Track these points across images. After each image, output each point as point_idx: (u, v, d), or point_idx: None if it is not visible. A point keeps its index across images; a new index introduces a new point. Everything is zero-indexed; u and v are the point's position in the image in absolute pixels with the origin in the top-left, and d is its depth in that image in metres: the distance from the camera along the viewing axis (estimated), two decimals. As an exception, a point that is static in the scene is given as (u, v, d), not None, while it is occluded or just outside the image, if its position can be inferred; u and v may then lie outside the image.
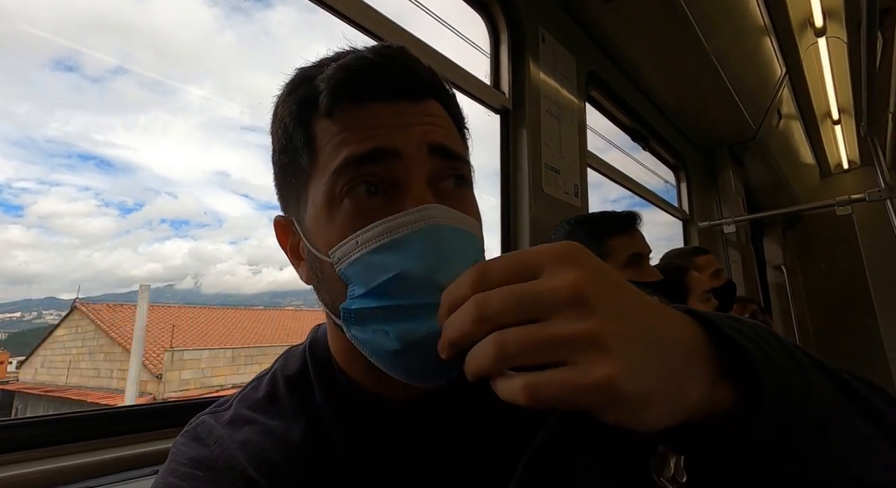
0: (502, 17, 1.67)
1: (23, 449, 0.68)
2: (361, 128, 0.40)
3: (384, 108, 0.41)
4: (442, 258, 0.37)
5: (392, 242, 0.37)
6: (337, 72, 0.41)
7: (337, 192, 0.40)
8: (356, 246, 0.39)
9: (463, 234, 0.40)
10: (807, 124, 3.42)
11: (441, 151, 0.42)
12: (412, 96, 0.43)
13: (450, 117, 0.46)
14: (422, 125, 0.42)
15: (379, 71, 0.41)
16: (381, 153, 0.39)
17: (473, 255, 0.40)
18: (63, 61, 14.72)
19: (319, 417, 0.46)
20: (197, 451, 0.44)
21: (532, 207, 1.56)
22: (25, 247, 14.61)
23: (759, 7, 2.08)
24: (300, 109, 0.43)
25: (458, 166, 0.43)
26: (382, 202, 0.40)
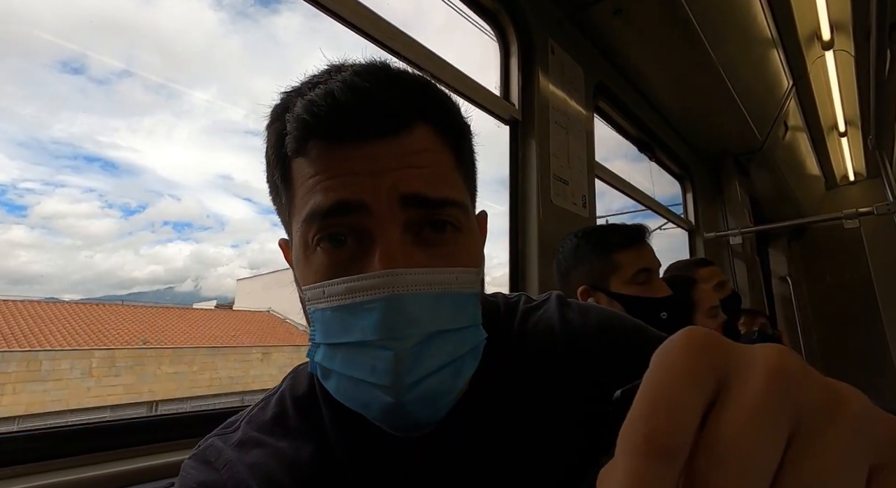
0: (512, 28, 1.68)
1: (29, 461, 0.67)
2: (330, 173, 0.38)
3: (355, 149, 0.38)
4: (399, 335, 0.35)
5: (352, 305, 0.36)
6: (303, 111, 0.37)
7: (310, 241, 0.39)
8: (323, 295, 0.38)
9: (431, 300, 0.37)
10: (813, 136, 3.42)
11: (416, 200, 0.38)
12: (387, 132, 0.38)
13: (443, 141, 0.42)
14: (395, 170, 0.38)
15: (343, 111, 0.37)
16: (346, 207, 0.37)
17: (448, 319, 0.38)
18: (69, 63, 14.75)
19: (327, 439, 0.45)
20: (206, 475, 0.43)
21: (540, 218, 1.56)
22: (28, 247, 14.62)
23: (767, 19, 2.09)
24: (277, 144, 0.41)
25: (441, 212, 0.39)
26: (354, 252, 0.38)
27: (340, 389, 0.39)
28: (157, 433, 0.76)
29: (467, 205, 0.43)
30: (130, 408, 6.77)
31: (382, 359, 0.35)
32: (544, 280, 1.51)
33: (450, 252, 0.40)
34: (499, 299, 0.56)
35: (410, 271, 0.36)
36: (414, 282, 0.36)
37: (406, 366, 0.35)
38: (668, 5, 1.83)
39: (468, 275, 0.40)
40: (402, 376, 0.35)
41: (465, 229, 0.42)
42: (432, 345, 0.37)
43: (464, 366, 0.40)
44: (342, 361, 0.38)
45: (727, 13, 2.00)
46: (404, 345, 0.35)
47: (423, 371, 0.36)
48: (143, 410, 6.87)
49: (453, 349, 0.38)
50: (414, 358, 0.36)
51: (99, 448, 0.71)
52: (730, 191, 3.30)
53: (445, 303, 0.38)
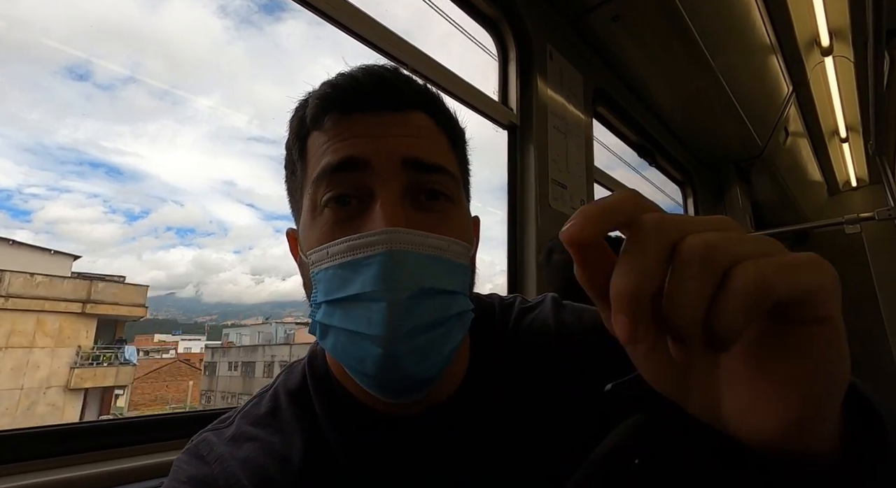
0: (511, 34, 1.69)
1: (21, 460, 0.68)
2: (340, 137, 0.42)
3: (365, 118, 0.43)
4: (393, 287, 0.37)
5: (353, 261, 0.39)
6: (323, 88, 0.44)
7: (318, 201, 0.42)
8: (326, 256, 0.40)
9: (425, 259, 0.39)
10: (814, 142, 3.42)
11: (416, 164, 0.42)
12: (394, 107, 0.44)
13: (440, 130, 0.47)
14: (399, 136, 0.43)
15: (361, 85, 0.43)
16: (352, 162, 0.41)
17: (439, 280, 0.40)
18: (74, 69, 15.19)
19: (320, 432, 0.46)
20: (198, 469, 0.44)
21: (539, 222, 1.56)
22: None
23: (766, 26, 2.10)
24: (298, 126, 0.46)
25: (437, 179, 0.43)
26: (356, 211, 0.41)
27: (338, 345, 0.41)
28: (147, 433, 0.77)
29: (460, 182, 0.47)
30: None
31: (377, 309, 0.37)
32: (542, 281, 1.51)
33: (443, 219, 0.43)
34: (494, 300, 0.57)
35: (408, 231, 0.39)
36: (410, 241, 0.39)
37: (398, 315, 0.37)
38: (667, 12, 1.84)
39: (459, 247, 0.43)
40: (395, 326, 0.37)
41: (458, 203, 0.46)
42: (423, 300, 0.39)
43: (452, 329, 0.41)
44: (341, 316, 0.39)
45: (726, 20, 2.01)
46: (397, 296, 0.37)
47: (413, 322, 0.38)
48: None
49: (443, 308, 0.40)
50: (406, 309, 0.37)
51: (87, 448, 0.72)
52: (731, 197, 3.29)
53: (438, 265, 0.40)
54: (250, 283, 72.08)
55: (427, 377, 0.40)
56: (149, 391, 16.63)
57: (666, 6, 1.81)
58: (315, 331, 0.43)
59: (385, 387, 0.40)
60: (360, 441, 0.45)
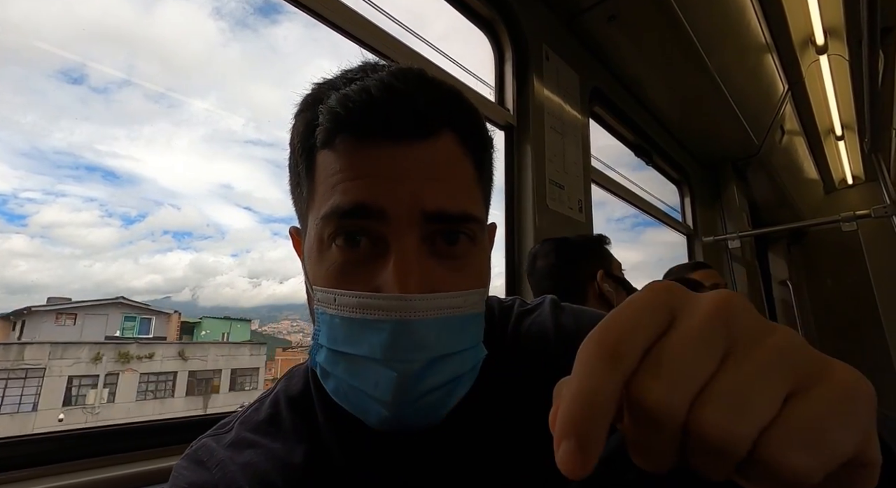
0: (507, 35, 1.69)
1: (22, 467, 0.67)
2: (353, 172, 0.38)
3: (382, 148, 0.38)
4: (405, 358, 0.36)
5: (362, 321, 0.37)
6: (336, 105, 0.38)
7: (325, 237, 0.40)
8: (333, 303, 0.39)
9: (440, 324, 0.37)
10: (810, 140, 3.43)
11: (437, 217, 0.38)
12: (415, 135, 0.38)
13: (466, 153, 0.42)
14: (419, 180, 0.38)
15: (377, 108, 0.37)
16: (365, 211, 0.37)
17: (456, 338, 0.39)
18: (69, 72, 14.90)
19: (321, 438, 0.45)
20: (198, 475, 0.43)
21: (536, 222, 1.56)
22: (27, 256, 14.64)
23: (761, 25, 2.11)
24: (305, 134, 0.42)
25: (460, 227, 0.40)
26: (368, 254, 0.39)
27: (339, 392, 0.40)
28: (145, 439, 0.77)
29: (484, 221, 0.44)
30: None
31: (386, 377, 0.36)
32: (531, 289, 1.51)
33: (463, 265, 0.41)
34: (493, 303, 0.56)
35: (422, 297, 0.37)
36: (425, 308, 0.37)
37: (408, 386, 0.36)
38: (662, 12, 1.85)
39: (475, 297, 0.41)
40: (403, 395, 0.37)
41: (479, 242, 0.43)
42: (435, 368, 0.38)
43: (462, 383, 0.41)
44: (345, 369, 0.39)
45: (721, 19, 2.02)
46: (409, 368, 0.36)
47: (423, 390, 0.37)
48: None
49: (455, 369, 0.39)
50: (416, 380, 0.37)
51: (86, 454, 0.71)
52: (728, 196, 3.30)
53: (452, 327, 0.39)
54: (247, 287, 72.14)
55: (433, 426, 0.40)
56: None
57: (661, 6, 1.81)
58: (315, 368, 0.42)
59: (385, 431, 0.40)
60: (362, 448, 0.44)
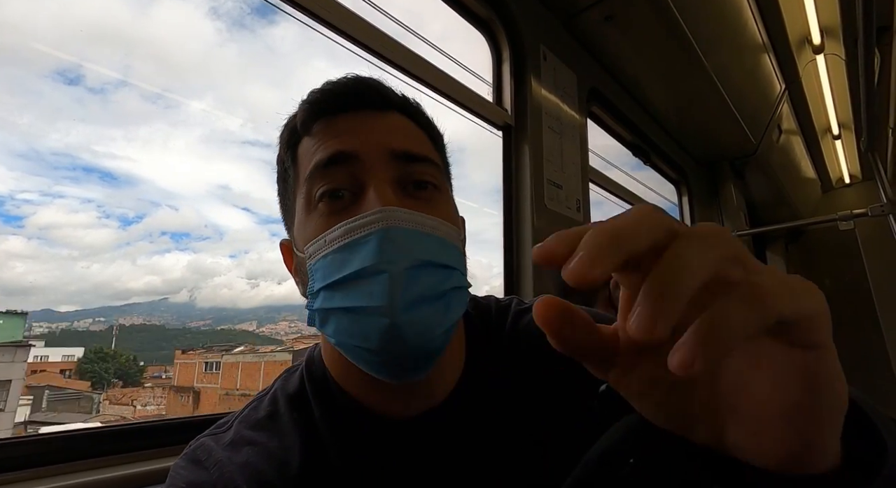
0: (504, 35, 1.69)
1: (18, 468, 0.67)
2: (329, 135, 0.45)
3: (351, 117, 0.46)
4: (393, 259, 0.39)
5: (351, 242, 0.40)
6: (310, 95, 0.47)
7: (312, 197, 0.44)
8: (324, 244, 0.41)
9: (420, 236, 0.41)
10: (807, 139, 3.44)
11: (403, 155, 0.45)
12: (377, 107, 0.47)
13: (421, 130, 0.50)
14: (385, 132, 0.46)
15: (345, 88, 0.47)
16: (342, 156, 0.43)
17: (435, 254, 0.41)
18: (65, 73, 15.02)
19: (318, 436, 0.46)
20: (196, 475, 0.44)
21: (534, 222, 1.56)
22: (24, 258, 14.65)
23: (758, 25, 2.11)
24: (288, 136, 0.49)
25: (423, 169, 0.46)
26: (349, 203, 0.43)
27: (341, 326, 0.41)
28: (144, 439, 0.77)
29: (444, 173, 0.50)
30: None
31: (378, 281, 0.38)
32: (539, 283, 1.52)
33: (432, 206, 0.45)
34: (490, 302, 0.57)
35: (402, 210, 0.41)
36: (405, 219, 0.40)
37: (400, 285, 0.38)
38: (660, 12, 1.85)
39: (450, 229, 0.44)
40: (397, 295, 0.38)
41: (444, 192, 0.48)
42: (423, 272, 0.40)
43: (452, 302, 0.42)
44: (342, 296, 0.40)
45: (718, 19, 2.02)
46: (397, 266, 0.38)
47: (414, 292, 0.39)
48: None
49: (441, 281, 0.41)
50: (406, 279, 0.39)
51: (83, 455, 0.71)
52: (726, 195, 3.31)
53: (433, 241, 0.42)
54: (245, 287, 72.04)
55: (430, 349, 0.41)
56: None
57: (658, 6, 1.82)
58: (315, 321, 0.43)
59: (390, 364, 0.40)
60: (359, 444, 0.45)
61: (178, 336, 41.18)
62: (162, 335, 58.66)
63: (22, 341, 10.76)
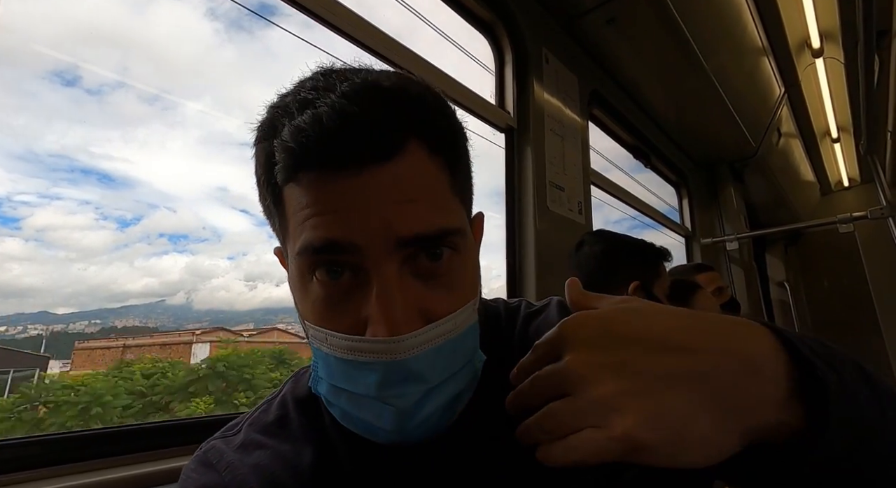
0: (507, 38, 1.70)
1: (27, 468, 0.67)
2: (319, 208, 0.36)
3: (347, 178, 0.35)
4: (400, 395, 0.37)
5: (356, 362, 0.37)
6: (291, 140, 0.35)
7: (306, 271, 0.39)
8: (325, 342, 0.39)
9: (432, 354, 0.37)
10: (806, 142, 3.45)
11: (413, 241, 0.36)
12: (378, 158, 0.36)
13: (438, 160, 0.39)
14: (389, 205, 0.36)
15: (333, 139, 0.35)
16: (337, 247, 0.36)
17: (450, 363, 0.39)
18: (62, 74, 14.64)
19: (329, 440, 0.46)
20: (208, 478, 0.43)
21: (537, 224, 1.57)
22: (21, 260, 14.41)
23: (758, 28, 2.13)
24: (266, 167, 0.39)
25: (439, 244, 0.38)
26: (350, 285, 0.38)
27: (345, 419, 0.41)
28: (155, 439, 0.77)
29: (464, 229, 0.42)
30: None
31: (386, 411, 0.37)
32: (542, 284, 1.52)
33: (450, 280, 0.40)
34: (500, 305, 0.56)
35: (410, 336, 0.36)
36: (414, 345, 0.36)
37: (409, 416, 0.37)
38: (661, 15, 1.86)
39: (465, 314, 0.40)
40: (405, 424, 0.38)
41: (462, 250, 0.41)
42: (432, 396, 0.38)
43: (462, 397, 0.42)
44: (347, 402, 0.39)
45: (718, 23, 2.04)
46: (406, 402, 0.37)
47: (424, 416, 0.38)
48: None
49: (453, 390, 0.40)
50: (416, 409, 0.38)
51: (96, 455, 0.71)
52: (725, 198, 3.32)
53: (445, 353, 0.38)
54: (243, 290, 69.42)
55: (437, 435, 0.41)
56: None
57: (659, 9, 1.83)
58: (319, 395, 0.43)
59: (401, 442, 0.41)
60: (370, 450, 0.44)
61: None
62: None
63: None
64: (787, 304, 4.15)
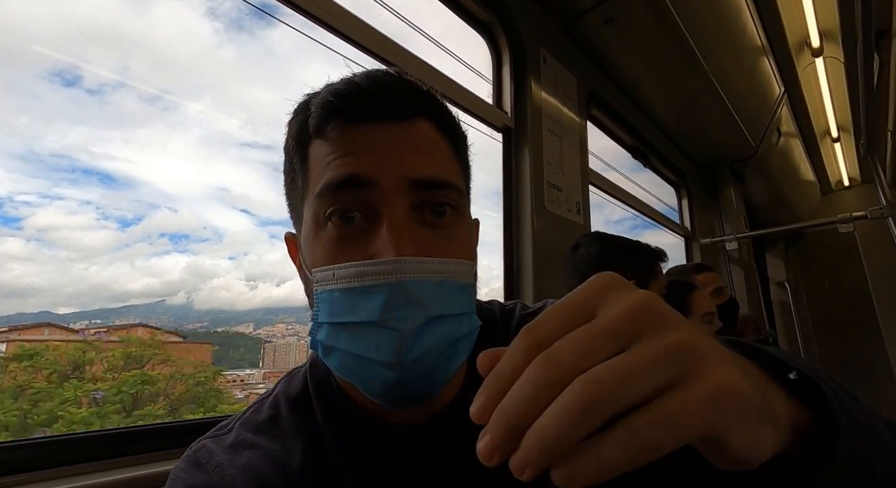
0: (504, 38, 1.70)
1: (21, 471, 0.67)
2: (344, 151, 0.42)
3: (369, 129, 0.42)
4: (403, 316, 0.38)
5: (360, 288, 0.39)
6: (326, 95, 0.43)
7: (322, 215, 0.42)
8: (332, 278, 0.40)
9: (434, 287, 0.39)
10: (806, 142, 3.45)
11: (423, 183, 0.41)
12: (397, 116, 0.43)
13: (443, 137, 0.46)
14: (404, 153, 0.42)
15: (364, 93, 0.42)
16: (357, 181, 0.40)
17: (447, 305, 0.40)
18: (62, 74, 14.61)
19: (321, 439, 0.46)
20: (196, 478, 0.43)
21: (534, 224, 1.57)
22: (23, 260, 14.33)
23: (757, 28, 2.12)
24: (298, 132, 0.45)
25: (443, 195, 0.43)
26: (362, 227, 0.41)
27: (343, 365, 0.41)
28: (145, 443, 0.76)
29: (465, 194, 0.46)
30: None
31: (387, 338, 0.38)
32: (539, 285, 1.51)
33: (449, 234, 0.43)
34: (495, 307, 0.57)
35: (416, 260, 0.39)
36: (418, 270, 0.39)
37: (408, 345, 0.38)
38: (659, 15, 1.86)
39: (465, 267, 0.43)
40: (405, 354, 0.38)
41: (463, 214, 0.45)
42: (433, 328, 0.39)
43: (459, 348, 0.42)
44: (347, 339, 0.40)
45: (717, 22, 2.03)
46: (408, 325, 0.38)
47: (423, 349, 0.39)
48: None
49: (451, 332, 0.41)
50: (416, 338, 0.38)
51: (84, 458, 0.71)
52: (725, 198, 3.32)
53: (446, 290, 0.40)
54: (244, 289, 70.51)
55: (434, 391, 0.41)
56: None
57: (658, 9, 1.82)
58: (316, 349, 0.43)
59: (392, 402, 0.41)
60: (361, 448, 0.45)
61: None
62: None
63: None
64: (787, 305, 4.14)
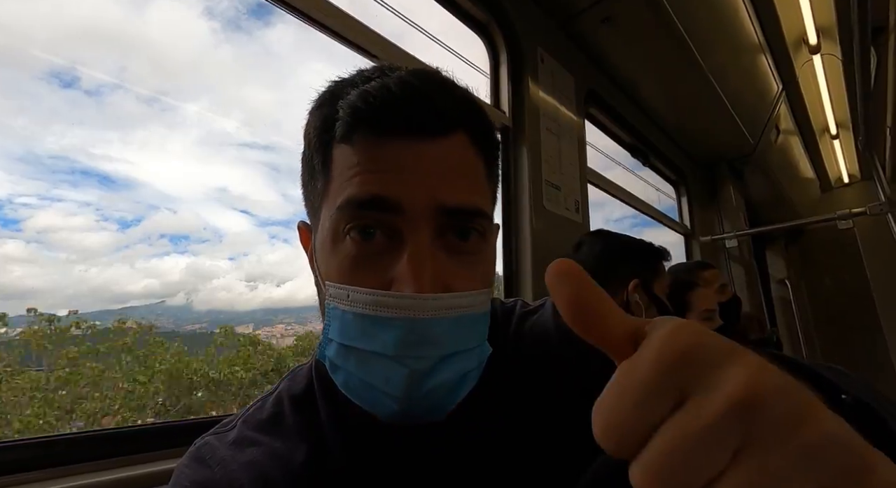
0: (501, 38, 1.70)
1: (24, 470, 0.68)
2: (370, 166, 0.39)
3: (400, 144, 0.39)
4: (417, 355, 0.37)
5: (376, 318, 0.38)
6: (357, 100, 0.39)
7: (341, 229, 0.40)
8: (346, 299, 0.39)
9: (450, 324, 0.38)
10: (805, 139, 3.45)
11: (451, 211, 0.39)
12: (431, 132, 0.40)
13: (478, 153, 0.44)
14: (435, 176, 0.39)
15: (397, 105, 0.39)
16: (382, 203, 0.38)
17: (462, 341, 0.40)
18: (60, 75, 14.58)
19: (324, 437, 0.46)
20: (200, 474, 0.44)
21: (533, 223, 1.57)
22: (22, 261, 14.20)
23: (754, 25, 2.12)
24: (322, 129, 0.43)
25: (471, 222, 0.41)
26: (382, 246, 0.39)
27: (350, 385, 0.41)
28: (148, 442, 0.77)
29: (491, 220, 0.45)
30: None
31: (398, 373, 0.37)
32: (538, 284, 1.52)
33: (474, 261, 0.42)
34: (495, 304, 0.57)
35: (435, 297, 0.37)
36: (437, 307, 0.37)
37: (418, 382, 0.38)
38: (656, 14, 1.86)
39: (483, 297, 0.42)
40: (414, 390, 0.38)
41: (488, 239, 0.44)
42: (445, 364, 0.39)
43: (469, 379, 0.42)
44: (356, 364, 0.39)
45: (715, 20, 2.03)
46: (422, 365, 0.37)
47: (433, 385, 0.38)
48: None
49: (463, 366, 0.40)
50: (427, 376, 0.38)
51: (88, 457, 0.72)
52: (724, 195, 3.32)
53: (462, 326, 0.40)
54: (244, 290, 70.12)
55: (439, 419, 0.41)
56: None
57: (655, 8, 1.83)
58: (324, 362, 0.43)
59: (393, 424, 0.41)
60: (365, 448, 0.45)
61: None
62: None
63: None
64: (788, 302, 4.14)
